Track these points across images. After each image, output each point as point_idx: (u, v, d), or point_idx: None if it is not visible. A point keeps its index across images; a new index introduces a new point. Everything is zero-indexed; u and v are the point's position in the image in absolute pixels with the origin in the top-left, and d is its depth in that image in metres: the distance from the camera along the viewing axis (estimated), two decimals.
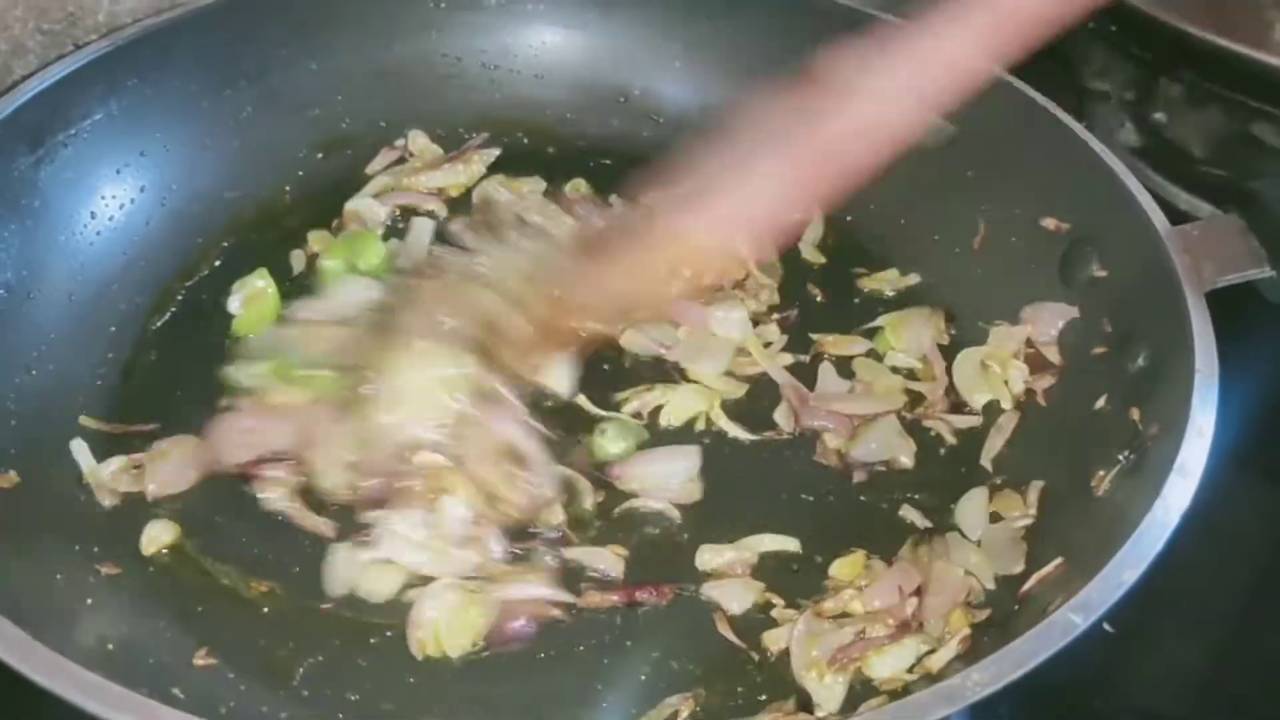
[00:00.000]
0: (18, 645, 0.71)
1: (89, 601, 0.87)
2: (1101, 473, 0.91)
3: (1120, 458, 0.90)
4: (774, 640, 0.89)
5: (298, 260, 1.16)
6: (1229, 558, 1.03)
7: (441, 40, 1.30)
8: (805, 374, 1.08)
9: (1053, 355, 1.06)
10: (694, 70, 1.30)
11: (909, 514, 0.98)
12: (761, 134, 0.93)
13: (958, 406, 1.06)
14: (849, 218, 1.22)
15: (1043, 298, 1.08)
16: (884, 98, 0.90)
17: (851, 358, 1.10)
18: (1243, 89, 1.19)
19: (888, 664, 0.86)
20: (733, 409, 1.05)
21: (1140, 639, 0.94)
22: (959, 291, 1.14)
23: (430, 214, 1.20)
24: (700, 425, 1.04)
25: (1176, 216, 1.02)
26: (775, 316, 1.13)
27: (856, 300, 1.16)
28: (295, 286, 1.12)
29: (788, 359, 1.09)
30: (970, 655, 0.83)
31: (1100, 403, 0.97)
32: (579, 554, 0.93)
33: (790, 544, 0.95)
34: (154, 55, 1.14)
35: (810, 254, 1.20)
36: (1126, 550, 0.78)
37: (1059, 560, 0.86)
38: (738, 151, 0.93)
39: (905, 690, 0.83)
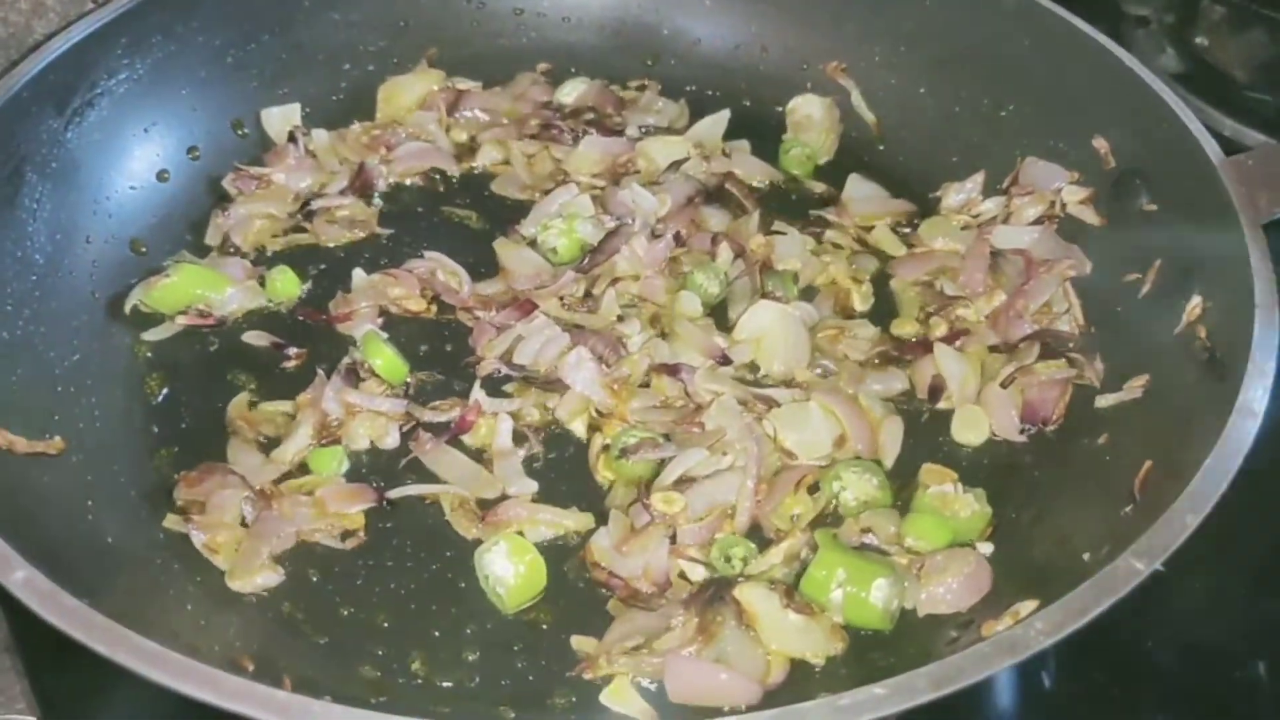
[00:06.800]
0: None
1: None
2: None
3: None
4: None
5: None
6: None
7: None
8: None
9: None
10: (726, 9, 1.27)
11: None
12: None
13: None
14: (881, 148, 1.21)
15: (1087, 235, 1.06)
16: None
17: None
18: None
19: None
20: None
21: (1190, 575, 0.92)
22: None
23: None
24: None
25: (1221, 144, 0.98)
26: None
27: None
28: None
29: None
30: None
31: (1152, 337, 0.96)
32: None
33: None
34: (177, 11, 1.12)
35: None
36: (1189, 493, 0.76)
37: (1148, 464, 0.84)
38: None
39: None
